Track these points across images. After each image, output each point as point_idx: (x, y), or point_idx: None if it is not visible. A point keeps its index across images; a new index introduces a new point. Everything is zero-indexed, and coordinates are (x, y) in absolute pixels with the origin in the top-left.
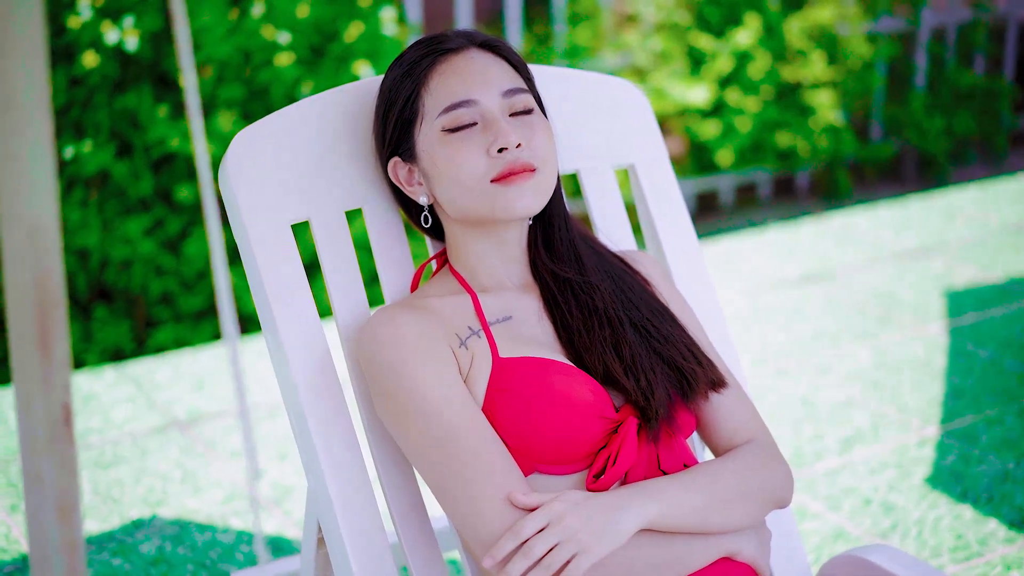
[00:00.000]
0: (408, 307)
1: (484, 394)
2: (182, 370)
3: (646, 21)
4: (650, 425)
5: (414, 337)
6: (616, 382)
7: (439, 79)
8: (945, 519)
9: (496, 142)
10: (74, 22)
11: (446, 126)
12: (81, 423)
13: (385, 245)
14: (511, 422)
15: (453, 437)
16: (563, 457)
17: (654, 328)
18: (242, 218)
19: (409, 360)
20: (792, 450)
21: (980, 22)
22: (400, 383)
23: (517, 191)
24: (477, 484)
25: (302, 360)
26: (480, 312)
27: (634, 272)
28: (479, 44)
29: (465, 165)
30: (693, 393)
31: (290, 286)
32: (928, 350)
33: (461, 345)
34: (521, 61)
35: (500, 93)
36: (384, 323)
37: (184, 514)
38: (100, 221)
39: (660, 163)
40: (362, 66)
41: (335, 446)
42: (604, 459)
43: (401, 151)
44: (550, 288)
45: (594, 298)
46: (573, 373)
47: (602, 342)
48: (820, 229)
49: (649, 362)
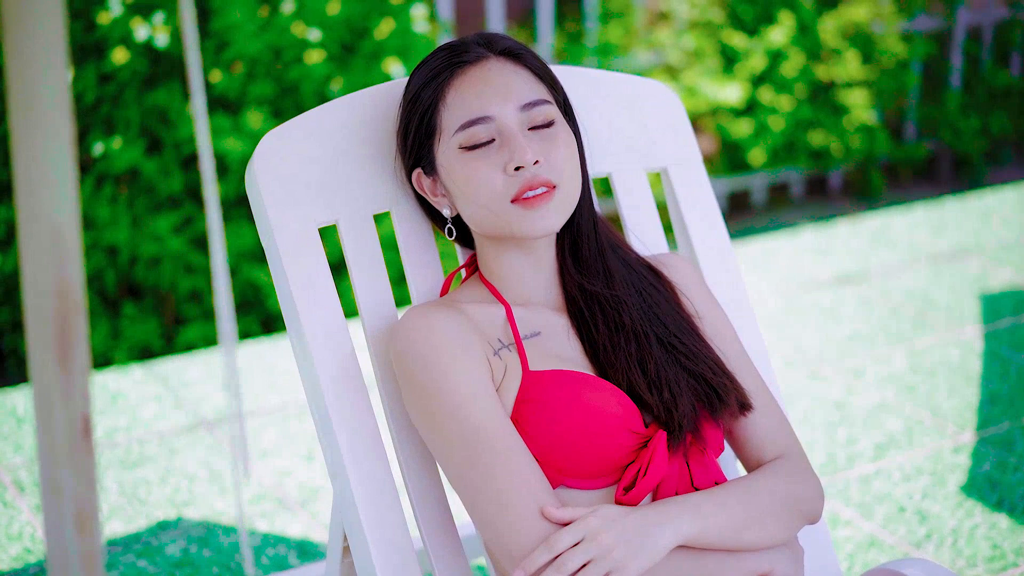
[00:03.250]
0: (444, 306)
1: (512, 406)
2: (211, 368)
3: (679, 19)
4: (675, 437)
5: (450, 333)
6: (640, 397)
7: (456, 94)
8: (981, 528)
9: (512, 160)
10: (104, 18)
11: (463, 144)
12: (108, 422)
13: (414, 249)
14: (540, 434)
15: (482, 438)
16: (591, 471)
17: (680, 343)
18: (268, 218)
19: (444, 355)
20: (825, 455)
21: (1017, 21)
22: (431, 376)
23: (537, 214)
24: (509, 494)
25: (328, 362)
26: (513, 325)
27: (664, 281)
28: (499, 52)
29: (483, 185)
30: (722, 407)
31: (316, 287)
32: (963, 354)
33: (495, 354)
34: (544, 68)
35: (518, 107)
36: (419, 317)
37: (211, 516)
38: (129, 218)
39: (693, 165)
40: (393, 64)
41: (360, 451)
42: (634, 472)
43: (423, 164)
44: (577, 302)
45: (621, 313)
46: (602, 386)
47: (627, 358)
48: (854, 230)
49: (675, 376)
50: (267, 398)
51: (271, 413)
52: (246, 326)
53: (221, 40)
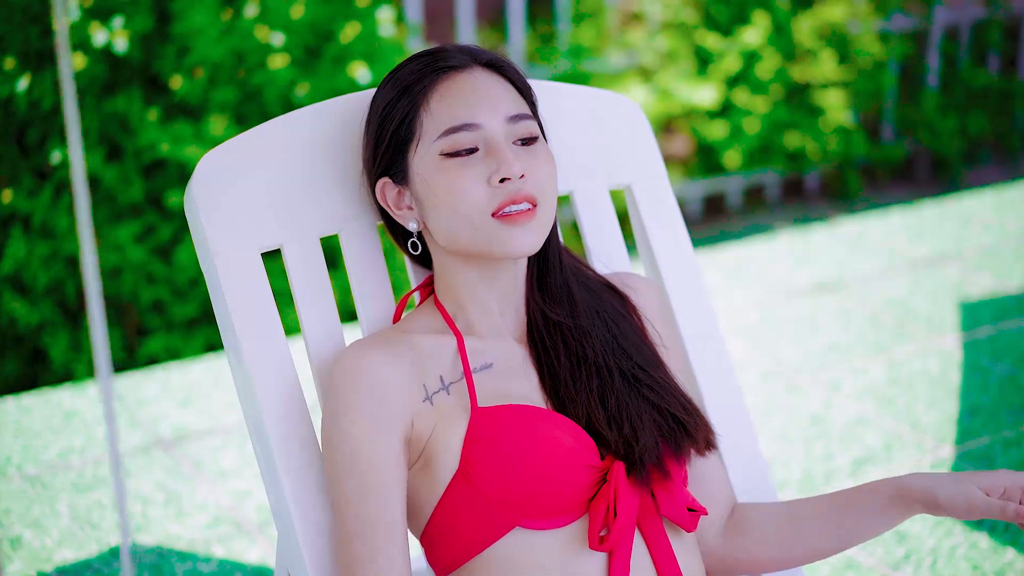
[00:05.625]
0: (383, 343)
1: (461, 447)
2: (170, 384)
3: (652, 20)
4: (636, 471)
5: (371, 387)
6: (598, 433)
7: (440, 99)
8: (960, 548)
9: (499, 171)
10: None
11: (445, 150)
12: (63, 442)
13: (363, 275)
14: (492, 474)
15: (359, 499)
16: (548, 510)
17: (645, 374)
18: (208, 244)
19: (352, 409)
20: (802, 472)
21: (994, 20)
22: (337, 428)
23: (519, 231)
24: (356, 566)
25: (272, 400)
26: (464, 357)
27: (628, 305)
28: (483, 63)
29: (464, 194)
30: (687, 442)
31: (260, 321)
32: (943, 364)
33: (426, 400)
34: (526, 84)
35: (505, 118)
36: (349, 359)
37: (166, 540)
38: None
39: (658, 183)
40: (359, 68)
41: (304, 493)
42: (603, 511)
43: (392, 172)
44: (540, 330)
45: (584, 345)
46: (556, 421)
47: (588, 393)
48: (832, 235)
49: (636, 409)
50: (227, 416)
51: (230, 432)
52: (210, 337)
53: (182, 45)
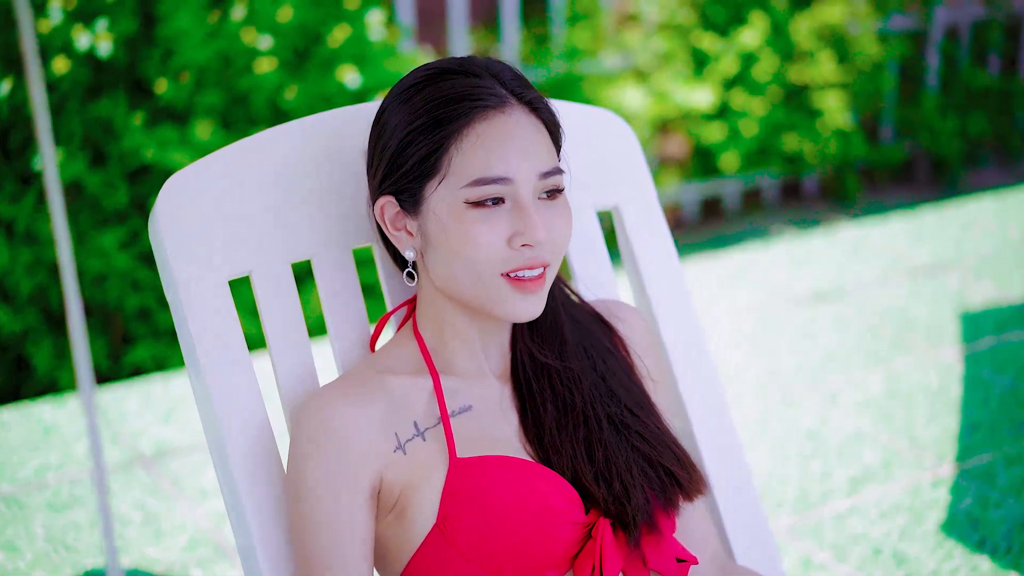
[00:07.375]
0: (354, 388)
1: (439, 500)
2: (152, 397)
3: (648, 21)
4: (628, 532)
5: (335, 441)
6: (585, 488)
7: (476, 141)
8: (961, 571)
9: (523, 235)
10: (44, 26)
11: (471, 199)
12: (39, 459)
13: (337, 302)
14: (472, 531)
15: (315, 554)
16: (530, 570)
17: (634, 419)
18: (172, 271)
19: (312, 462)
20: (798, 490)
21: (994, 20)
22: (298, 480)
23: (527, 299)
24: None
25: (239, 438)
26: (441, 400)
27: (615, 338)
28: (523, 101)
29: (480, 248)
30: (678, 497)
31: (226, 355)
32: (943, 377)
33: (398, 449)
34: (557, 123)
35: (538, 174)
36: (314, 409)
37: (143, 563)
38: (74, 233)
39: (647, 204)
40: (348, 72)
41: (272, 534)
42: (588, 570)
43: (402, 197)
44: (527, 371)
45: (572, 391)
46: (543, 475)
47: (573, 444)
48: (831, 241)
49: (626, 463)
50: None
51: None
52: None
53: (167, 48)
